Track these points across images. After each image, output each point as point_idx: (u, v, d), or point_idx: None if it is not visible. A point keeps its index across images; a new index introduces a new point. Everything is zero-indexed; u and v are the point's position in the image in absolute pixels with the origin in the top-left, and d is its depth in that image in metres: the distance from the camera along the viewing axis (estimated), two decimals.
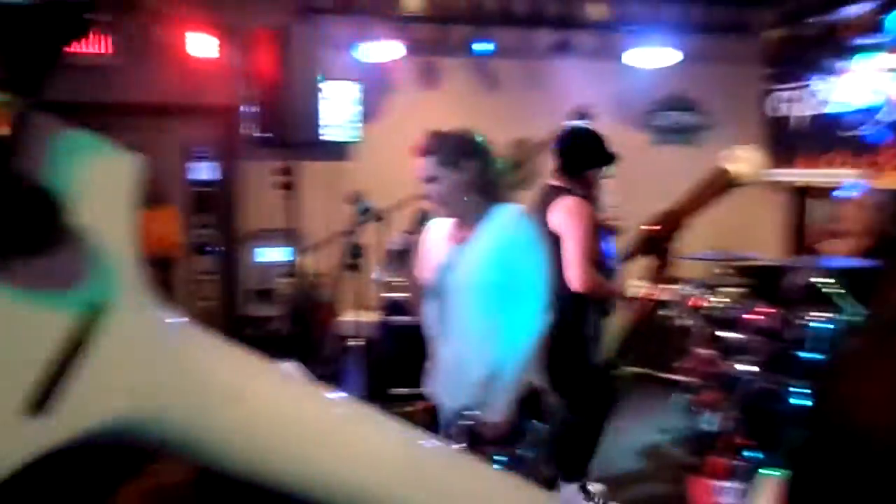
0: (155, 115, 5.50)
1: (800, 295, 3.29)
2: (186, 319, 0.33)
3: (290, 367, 1.90)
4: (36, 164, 0.28)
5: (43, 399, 0.26)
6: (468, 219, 2.17)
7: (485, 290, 2.12)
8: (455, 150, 2.14)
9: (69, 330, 0.26)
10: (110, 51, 4.69)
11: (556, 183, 3.04)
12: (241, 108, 4.78)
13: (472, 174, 2.14)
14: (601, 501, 3.21)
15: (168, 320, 0.32)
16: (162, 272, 4.99)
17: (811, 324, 3.07)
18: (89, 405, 0.28)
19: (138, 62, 4.68)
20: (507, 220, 2.14)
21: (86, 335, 0.26)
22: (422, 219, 2.19)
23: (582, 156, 3.00)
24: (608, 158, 3.04)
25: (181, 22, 4.21)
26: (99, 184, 0.29)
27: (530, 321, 2.11)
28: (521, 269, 2.12)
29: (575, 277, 2.75)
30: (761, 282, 3.67)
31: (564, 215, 2.83)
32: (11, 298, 0.25)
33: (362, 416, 0.43)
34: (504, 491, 0.55)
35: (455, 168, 2.12)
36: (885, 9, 4.58)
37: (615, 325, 3.21)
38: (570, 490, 3.18)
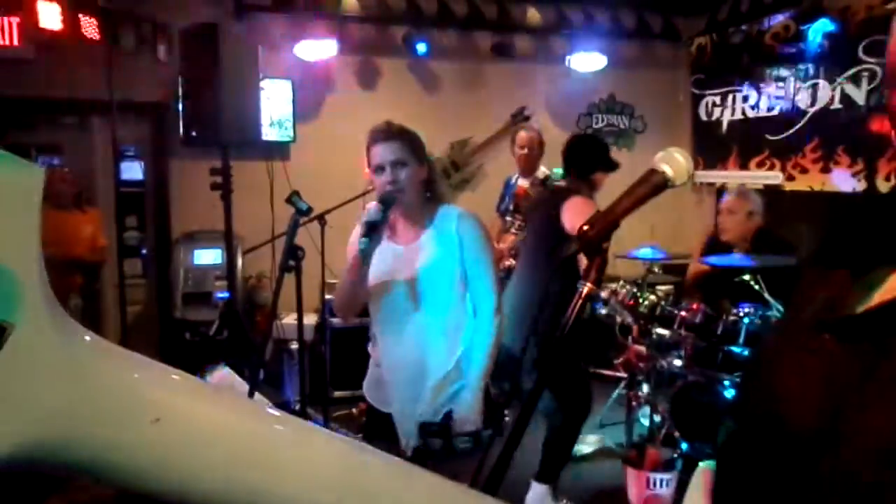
0: (80, 112, 5.27)
1: (728, 291, 3.43)
2: (97, 336, 0.31)
3: (224, 372, 1.83)
4: None
5: None
6: (417, 217, 2.13)
7: (439, 291, 2.09)
8: (419, 142, 2.11)
9: None
10: (28, 43, 4.45)
11: (562, 184, 3.36)
12: (174, 106, 4.63)
13: (428, 172, 2.12)
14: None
15: (77, 338, 0.30)
16: (89, 277, 4.78)
17: (739, 319, 3.21)
18: None
19: (61, 55, 4.47)
20: (454, 221, 2.11)
21: None
22: (390, 200, 2.02)
23: (590, 160, 3.24)
24: (613, 165, 3.27)
25: (110, 15, 4.05)
26: None
27: (486, 320, 2.11)
28: (473, 268, 2.11)
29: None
30: (702, 283, 3.80)
31: (579, 216, 2.98)
32: None
33: (294, 429, 0.41)
34: (453, 501, 0.54)
35: (418, 159, 2.08)
36: (805, 19, 4.83)
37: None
38: (540, 491, 3.25)
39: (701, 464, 0.69)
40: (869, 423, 0.48)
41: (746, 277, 3.22)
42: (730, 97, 5.65)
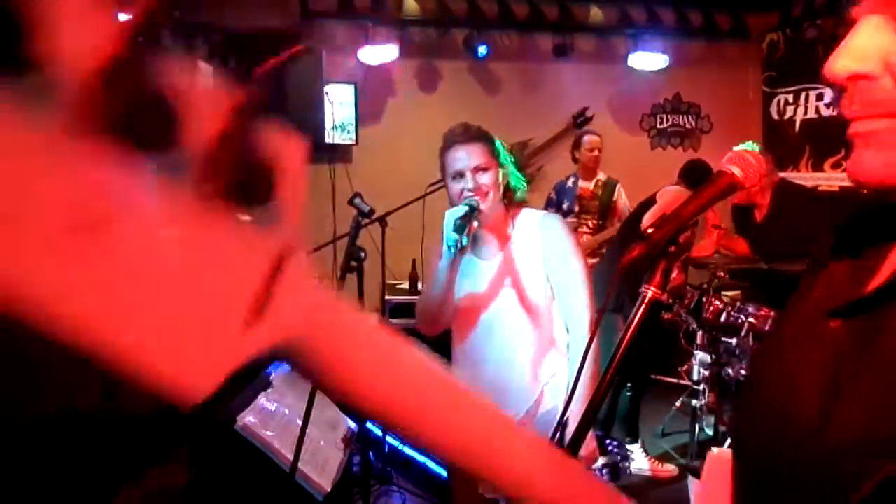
0: None
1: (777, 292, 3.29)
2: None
3: (287, 368, 1.88)
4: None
5: (255, 312, 0.31)
6: (499, 226, 1.93)
7: (524, 309, 1.87)
8: (499, 146, 1.95)
9: (274, 258, 0.32)
10: None
11: None
12: None
13: (508, 178, 1.94)
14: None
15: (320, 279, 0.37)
16: None
17: None
18: (279, 325, 0.32)
19: None
20: (536, 227, 1.89)
21: (282, 266, 0.32)
22: (475, 204, 1.85)
23: (701, 178, 3.54)
24: None
25: (184, 25, 4.21)
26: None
27: (583, 340, 1.82)
28: (561, 279, 1.87)
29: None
30: (760, 285, 3.67)
31: (665, 192, 3.40)
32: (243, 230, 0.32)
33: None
34: None
35: (499, 163, 1.91)
36: None
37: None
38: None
39: (714, 450, 0.69)
40: (852, 410, 0.49)
41: None
42: (803, 95, 5.42)
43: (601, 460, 3.41)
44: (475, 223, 1.81)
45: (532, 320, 1.88)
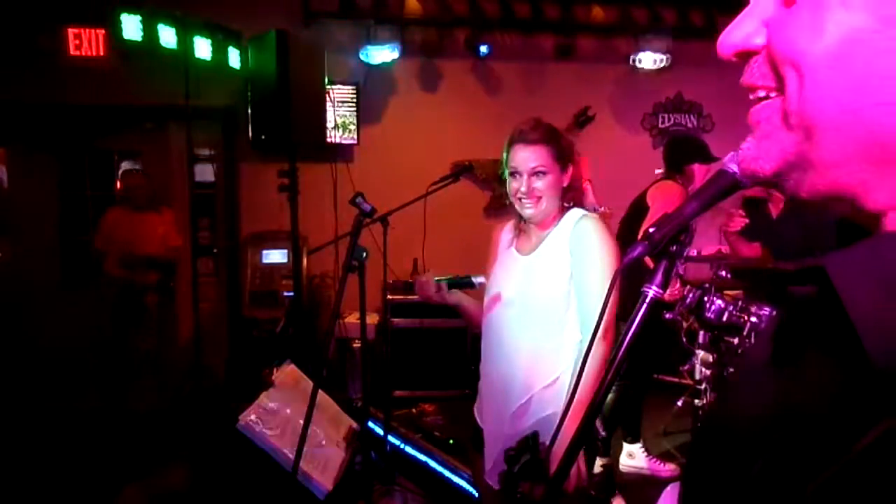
0: (158, 118, 5.52)
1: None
2: None
3: (290, 369, 1.90)
4: None
5: None
6: (548, 224, 1.93)
7: (541, 307, 1.85)
8: (567, 149, 1.91)
9: None
10: (111, 53, 4.69)
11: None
12: (244, 110, 4.79)
13: (571, 181, 1.92)
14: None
15: None
16: (165, 274, 5.00)
17: None
18: None
19: (141, 64, 4.69)
20: (570, 227, 1.86)
21: None
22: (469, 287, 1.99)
23: (680, 155, 3.55)
24: (706, 157, 3.49)
25: (186, 24, 4.21)
26: None
27: (586, 344, 1.77)
28: (578, 282, 1.82)
29: None
30: (762, 283, 3.67)
31: (662, 194, 3.37)
32: None
33: None
34: None
35: (562, 165, 1.89)
36: None
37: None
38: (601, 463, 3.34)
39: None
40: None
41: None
42: None
43: (600, 461, 3.41)
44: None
45: (540, 323, 1.84)
